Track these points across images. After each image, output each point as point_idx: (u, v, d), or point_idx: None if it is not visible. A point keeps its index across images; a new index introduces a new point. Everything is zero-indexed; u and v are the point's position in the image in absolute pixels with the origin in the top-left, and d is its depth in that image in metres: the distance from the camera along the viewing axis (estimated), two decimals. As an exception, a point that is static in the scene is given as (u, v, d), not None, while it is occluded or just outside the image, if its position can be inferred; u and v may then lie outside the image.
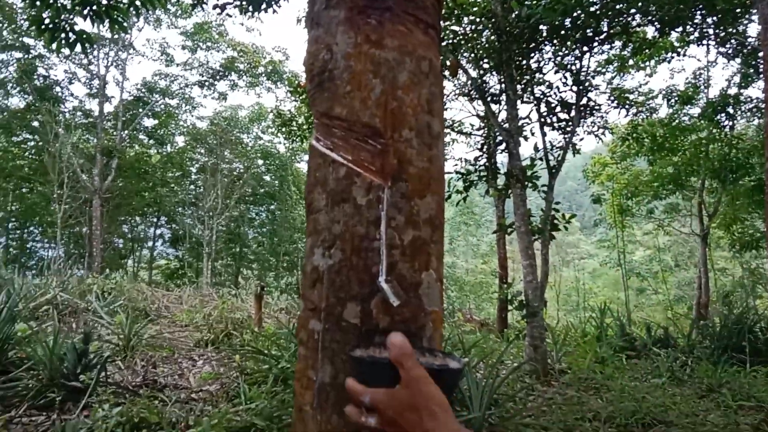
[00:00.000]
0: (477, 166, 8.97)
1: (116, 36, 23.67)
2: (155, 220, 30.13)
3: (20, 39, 21.72)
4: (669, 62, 13.11)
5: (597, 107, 8.73)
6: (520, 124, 8.27)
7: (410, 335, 1.10)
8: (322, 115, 1.17)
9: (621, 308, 14.73)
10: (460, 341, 7.62)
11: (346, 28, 1.17)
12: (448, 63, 9.36)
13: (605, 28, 8.12)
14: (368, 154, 1.10)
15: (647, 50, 10.50)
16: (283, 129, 13.83)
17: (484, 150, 9.41)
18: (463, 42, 8.67)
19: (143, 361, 7.15)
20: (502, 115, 8.87)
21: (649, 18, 8.46)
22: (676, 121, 14.30)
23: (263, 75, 25.59)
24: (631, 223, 19.88)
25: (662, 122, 14.26)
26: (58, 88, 24.44)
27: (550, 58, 8.74)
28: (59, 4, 6.13)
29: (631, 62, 12.12)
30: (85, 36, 6.56)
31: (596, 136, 10.09)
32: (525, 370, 7.26)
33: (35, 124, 24.27)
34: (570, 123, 8.36)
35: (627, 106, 10.72)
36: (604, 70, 11.90)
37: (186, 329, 10.41)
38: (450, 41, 8.58)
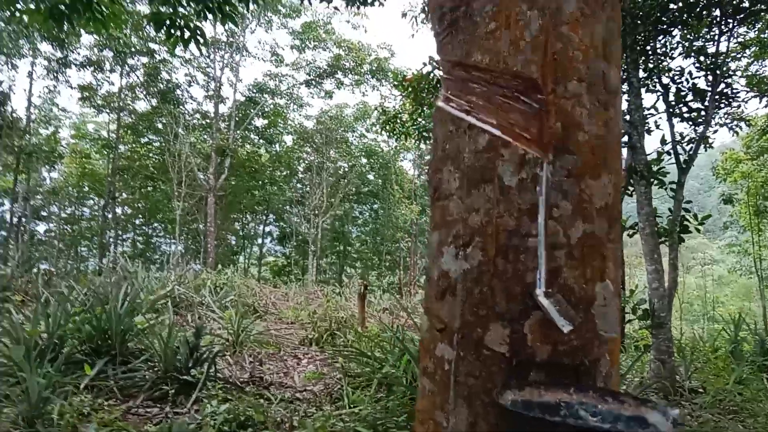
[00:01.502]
0: (595, 162, 8.28)
1: (231, 39, 24.81)
2: (264, 218, 31.33)
3: (146, 44, 23.30)
4: (821, 44, 11.54)
5: (735, 95, 7.76)
6: (644, 114, 7.52)
7: (580, 372, 0.77)
8: (455, 65, 0.86)
9: (754, 320, 13.24)
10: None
11: (491, -56, 0.86)
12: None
13: (748, 5, 7.17)
14: (520, 116, 0.79)
15: (796, 31, 9.23)
16: (387, 126, 13.68)
17: (603, 144, 8.68)
18: (580, 28, 8.03)
19: (251, 357, 7.24)
20: (624, 105, 8.14)
21: (802, -8, 7.39)
22: (827, 111, 12.59)
23: (368, 73, 25.80)
24: (768, 225, 17.90)
25: (809, 113, 12.60)
26: (178, 91, 26.02)
27: (679, 42, 7.88)
28: (175, 0, 6.31)
29: (771, 45, 10.75)
30: (199, 33, 6.71)
31: (731, 128, 9.05)
32: (651, 387, 6.56)
33: (159, 125, 25.99)
34: (703, 113, 7.47)
35: (767, 95, 9.53)
36: (739, 55, 10.67)
37: (291, 326, 10.54)
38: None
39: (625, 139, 7.68)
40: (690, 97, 7.70)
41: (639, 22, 7.22)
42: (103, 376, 5.26)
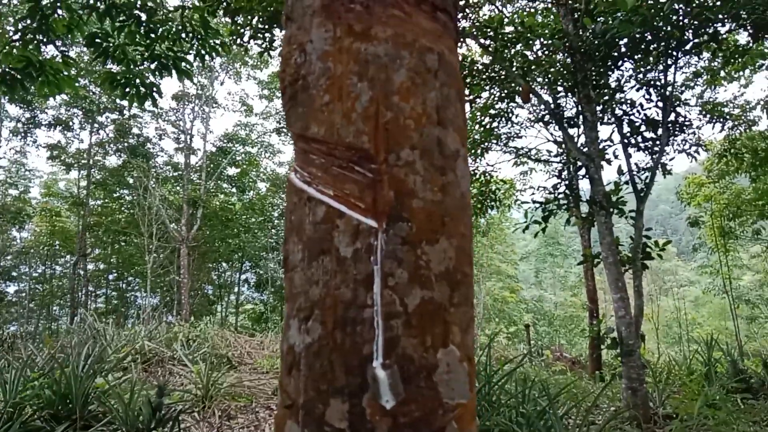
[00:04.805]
0: (556, 194, 8.41)
1: (200, 92, 24.98)
2: (240, 265, 30.99)
3: (114, 101, 23.31)
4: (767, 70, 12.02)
5: (687, 123, 8.00)
6: (601, 146, 7.69)
7: (424, 444, 0.76)
8: (299, 137, 0.87)
9: (730, 340, 13.35)
10: (543, 386, 6.97)
11: (323, 19, 0.87)
12: (519, 89, 9.00)
13: (691, 38, 7.46)
14: (355, 186, 0.79)
15: (740, 59, 9.61)
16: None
17: (564, 176, 8.85)
18: (534, 66, 8.27)
19: (220, 412, 7.03)
20: (581, 140, 8.33)
21: (740, 23, 7.71)
22: (780, 132, 12.97)
23: (338, 117, 26.01)
24: (735, 246, 18.21)
25: (763, 135, 12.99)
26: (149, 145, 25.97)
27: (630, 75, 8.15)
28: (129, 59, 6.37)
29: (722, 73, 11.17)
30: (155, 89, 6.77)
31: (689, 154, 9.29)
32: (624, 416, 6.51)
33: (130, 180, 25.84)
34: (657, 142, 7.68)
35: (721, 120, 9.84)
36: (692, 84, 11.06)
37: (266, 376, 10.31)
38: (520, 66, 8.20)
39: (584, 172, 7.84)
40: (644, 127, 7.91)
41: (588, 58, 7.45)
42: (63, 443, 5.07)
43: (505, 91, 9.63)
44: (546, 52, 8.42)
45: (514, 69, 8.35)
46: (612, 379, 7.02)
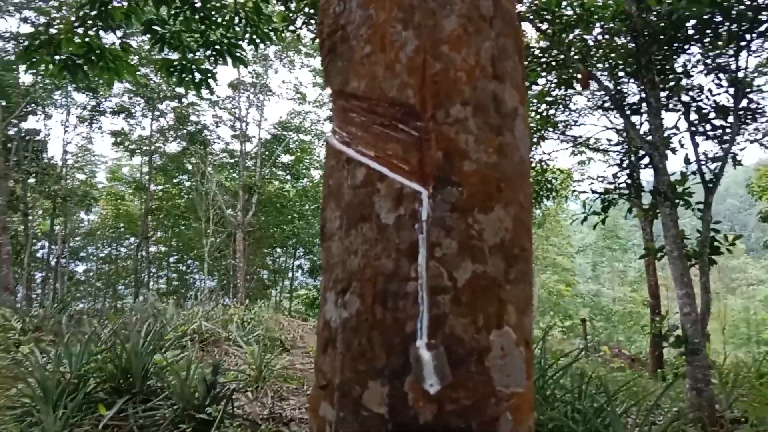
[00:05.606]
0: (617, 184, 8.07)
1: (255, 80, 25.39)
2: (294, 251, 31.48)
3: (173, 90, 24.00)
4: None
5: (760, 111, 7.51)
6: (666, 134, 7.31)
7: (472, 435, 0.67)
8: (338, 94, 0.79)
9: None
10: (601, 383, 6.70)
11: (364, -37, 0.79)
12: (578, 74, 8.67)
13: (765, 19, 6.97)
14: (399, 145, 0.70)
15: (821, 41, 8.93)
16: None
17: (625, 165, 8.48)
18: (594, 50, 7.93)
19: (272, 393, 7.13)
20: (644, 127, 7.96)
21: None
22: None
23: (391, 105, 26.00)
24: (811, 243, 17.11)
25: None
26: (206, 132, 26.66)
27: (698, 60, 7.70)
28: (184, 46, 6.49)
29: (800, 57, 10.42)
30: (210, 75, 6.87)
31: (761, 144, 8.75)
32: (687, 418, 6.20)
33: (189, 166, 26.63)
34: (728, 130, 7.24)
35: (796, 109, 9.21)
36: (766, 69, 10.37)
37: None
38: (579, 50, 7.88)
39: (647, 161, 7.48)
40: (713, 114, 7.49)
41: (653, 41, 7.08)
42: (124, 415, 5.23)
43: (563, 77, 9.31)
44: (607, 36, 8.06)
45: (572, 54, 8.05)
46: (675, 379, 6.69)
